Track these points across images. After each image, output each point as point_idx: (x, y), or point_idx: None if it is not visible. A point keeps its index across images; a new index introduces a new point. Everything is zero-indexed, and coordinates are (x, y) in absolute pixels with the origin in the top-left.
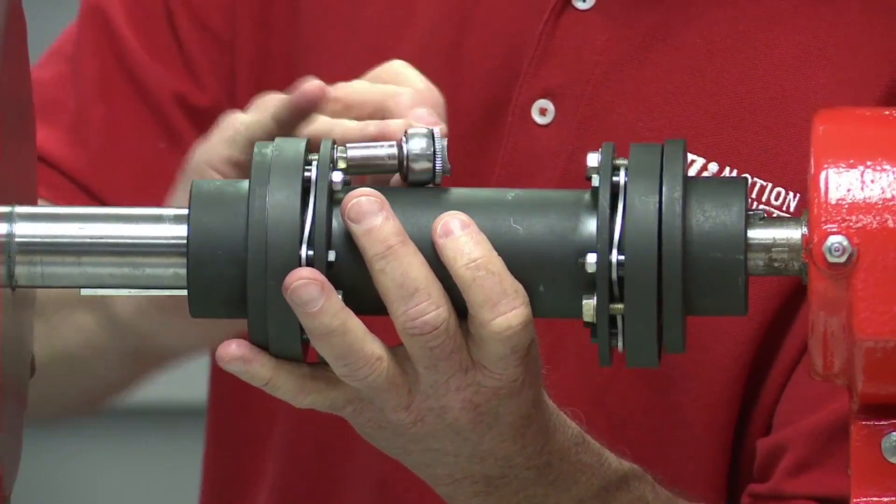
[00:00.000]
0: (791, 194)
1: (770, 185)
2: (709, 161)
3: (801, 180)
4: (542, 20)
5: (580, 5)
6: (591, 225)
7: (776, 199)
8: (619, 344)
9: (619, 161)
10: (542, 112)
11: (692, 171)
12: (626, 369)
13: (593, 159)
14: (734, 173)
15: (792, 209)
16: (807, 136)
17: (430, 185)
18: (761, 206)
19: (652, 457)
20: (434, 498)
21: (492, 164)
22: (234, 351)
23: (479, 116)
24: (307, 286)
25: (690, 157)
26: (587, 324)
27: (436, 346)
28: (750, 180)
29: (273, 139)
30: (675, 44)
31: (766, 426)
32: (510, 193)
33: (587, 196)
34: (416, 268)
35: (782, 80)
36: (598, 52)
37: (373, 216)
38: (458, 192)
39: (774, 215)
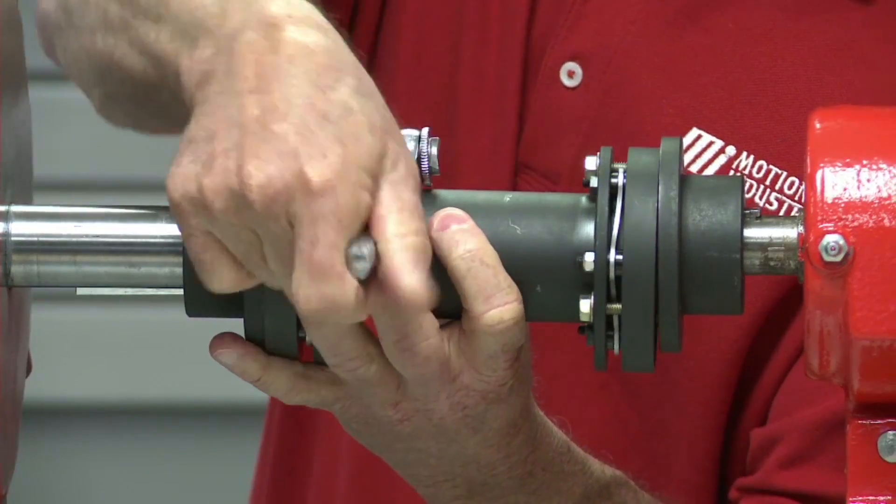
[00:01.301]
0: (804, 185)
1: (785, 173)
2: (727, 144)
3: None
4: None
5: None
6: (589, 226)
7: (790, 188)
8: (615, 346)
9: (618, 164)
10: (571, 75)
11: (709, 153)
12: None
13: (591, 163)
14: (751, 159)
15: (804, 199)
16: None
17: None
18: (774, 194)
19: (650, 432)
20: None
21: (519, 123)
22: (227, 342)
23: (514, 77)
24: None
25: (709, 138)
26: (582, 328)
27: (427, 372)
28: (766, 167)
29: None
30: (706, 25)
31: (761, 417)
32: (507, 196)
33: (585, 199)
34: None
35: (809, 72)
36: (629, 21)
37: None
38: (455, 195)
39: (793, 210)
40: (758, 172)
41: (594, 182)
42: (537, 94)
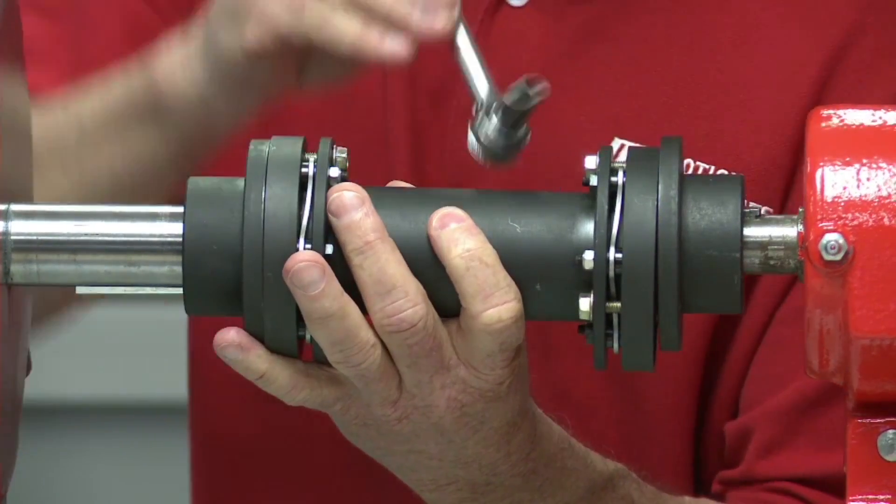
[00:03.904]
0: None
1: (713, 167)
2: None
3: (741, 161)
4: (477, 19)
5: (514, 2)
6: (588, 225)
7: None
8: (615, 345)
9: (617, 163)
10: None
11: None
12: (587, 360)
13: (591, 161)
14: None
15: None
16: (745, 118)
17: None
18: None
19: (618, 445)
20: None
21: (436, 168)
22: (232, 337)
23: (424, 116)
24: (309, 269)
25: (632, 145)
26: (581, 327)
27: (414, 344)
28: (693, 164)
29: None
30: (610, 36)
31: (730, 410)
32: (506, 194)
33: (585, 198)
34: (393, 265)
35: (719, 63)
36: (533, 48)
37: (354, 211)
38: (454, 193)
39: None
40: (686, 171)
41: (594, 181)
42: (453, 136)
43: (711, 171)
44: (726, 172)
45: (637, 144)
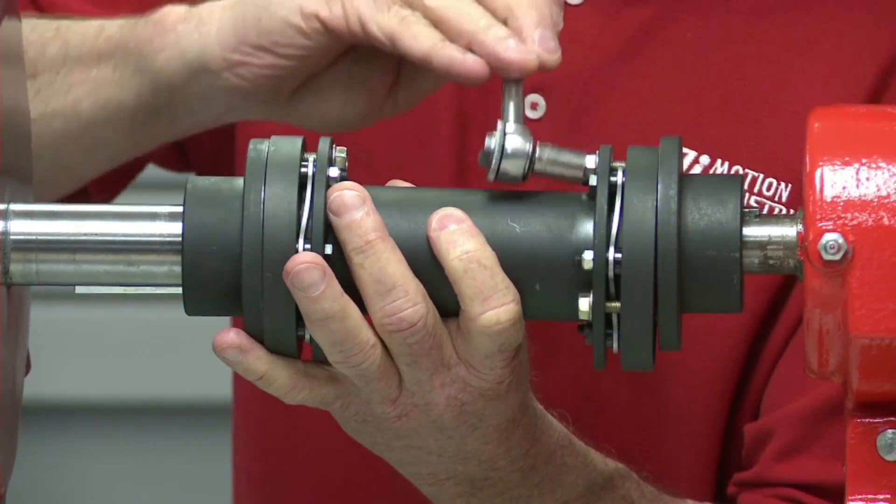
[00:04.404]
0: (783, 184)
1: (762, 175)
2: (700, 154)
3: (791, 171)
4: None
5: (572, 1)
6: (588, 224)
7: (767, 189)
8: (614, 345)
9: (617, 163)
10: (534, 107)
11: (684, 164)
12: (615, 359)
13: (590, 161)
14: (725, 165)
15: (784, 199)
16: (796, 128)
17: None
18: (753, 197)
19: (642, 452)
20: None
21: (478, 158)
22: (231, 338)
23: (471, 111)
24: (309, 270)
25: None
26: (581, 327)
27: (414, 343)
28: (742, 171)
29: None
30: (665, 39)
31: (755, 413)
32: (506, 194)
33: (585, 197)
34: (393, 264)
35: (771, 73)
36: (588, 47)
37: (354, 210)
38: (453, 193)
39: (775, 211)
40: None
41: (593, 180)
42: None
43: (760, 179)
44: (774, 181)
45: (685, 149)
